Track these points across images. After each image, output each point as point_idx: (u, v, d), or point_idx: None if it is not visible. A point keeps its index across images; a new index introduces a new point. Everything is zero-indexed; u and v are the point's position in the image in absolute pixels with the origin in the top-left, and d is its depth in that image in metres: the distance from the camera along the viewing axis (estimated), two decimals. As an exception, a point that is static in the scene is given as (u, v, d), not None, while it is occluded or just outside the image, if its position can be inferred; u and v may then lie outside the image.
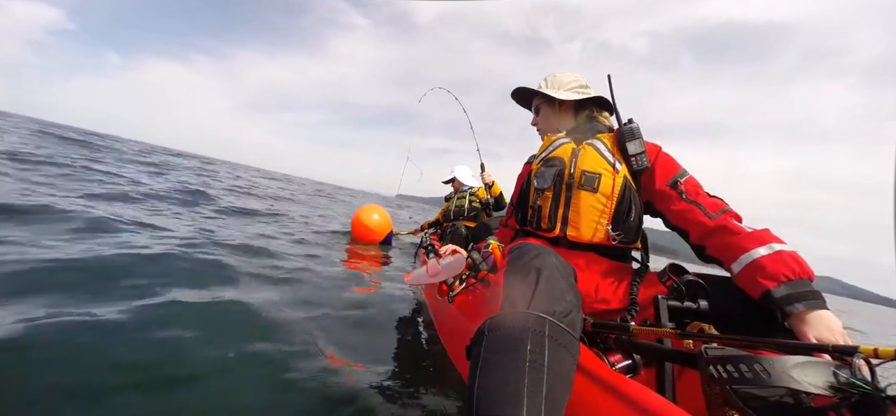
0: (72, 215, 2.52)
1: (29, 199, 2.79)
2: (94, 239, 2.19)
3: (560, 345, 0.61)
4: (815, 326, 0.69)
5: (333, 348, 1.43)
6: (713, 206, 0.92)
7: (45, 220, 2.38)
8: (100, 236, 2.27)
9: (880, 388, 0.46)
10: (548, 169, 1.08)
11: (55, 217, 2.45)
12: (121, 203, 3.58)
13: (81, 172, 5.05)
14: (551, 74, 1.24)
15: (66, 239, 2.10)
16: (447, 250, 1.27)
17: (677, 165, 1.01)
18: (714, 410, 0.55)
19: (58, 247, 1.91)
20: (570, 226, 1.03)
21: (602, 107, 1.21)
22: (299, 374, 1.20)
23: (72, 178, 4.47)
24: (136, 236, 2.47)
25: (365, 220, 4.30)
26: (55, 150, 7.21)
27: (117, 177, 5.36)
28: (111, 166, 6.52)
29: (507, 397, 0.54)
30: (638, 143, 1.01)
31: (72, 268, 1.67)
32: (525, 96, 1.32)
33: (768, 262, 0.75)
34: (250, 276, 2.13)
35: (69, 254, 1.81)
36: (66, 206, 2.75)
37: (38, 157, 5.36)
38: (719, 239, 0.87)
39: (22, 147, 6.31)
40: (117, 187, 4.38)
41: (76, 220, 2.46)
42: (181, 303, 1.53)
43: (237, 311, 1.59)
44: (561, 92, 1.18)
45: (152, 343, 1.21)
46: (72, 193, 3.47)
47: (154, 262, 1.95)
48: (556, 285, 0.70)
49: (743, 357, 0.52)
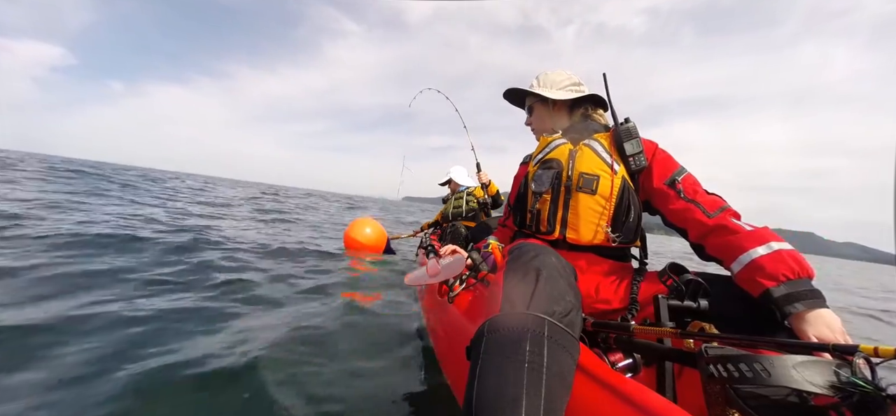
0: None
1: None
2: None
3: (559, 346, 0.61)
4: (814, 324, 0.69)
5: (325, 357, 1.42)
6: (712, 204, 0.91)
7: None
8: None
9: (881, 387, 0.46)
10: (545, 171, 1.07)
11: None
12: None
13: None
14: (543, 73, 1.21)
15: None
16: (447, 250, 1.27)
17: (675, 163, 1.00)
18: (714, 409, 0.55)
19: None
20: (569, 228, 1.02)
21: (596, 104, 1.19)
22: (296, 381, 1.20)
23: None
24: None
25: (357, 235, 4.09)
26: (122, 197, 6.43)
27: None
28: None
29: (506, 399, 0.54)
30: (635, 143, 1.01)
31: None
32: (518, 96, 1.30)
33: (768, 261, 0.75)
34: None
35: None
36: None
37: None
38: (718, 238, 0.86)
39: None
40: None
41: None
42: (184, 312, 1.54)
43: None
44: (554, 91, 1.16)
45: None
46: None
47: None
48: (556, 285, 0.70)
49: (743, 357, 0.52)
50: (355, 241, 4.05)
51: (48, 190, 5.82)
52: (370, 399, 1.16)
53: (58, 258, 2.13)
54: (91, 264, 2.12)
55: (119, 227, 3.35)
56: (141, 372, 1.10)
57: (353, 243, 4.07)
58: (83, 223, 3.29)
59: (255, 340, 1.40)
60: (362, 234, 4.09)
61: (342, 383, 1.23)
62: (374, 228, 4.23)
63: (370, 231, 4.15)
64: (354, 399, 1.14)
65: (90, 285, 1.80)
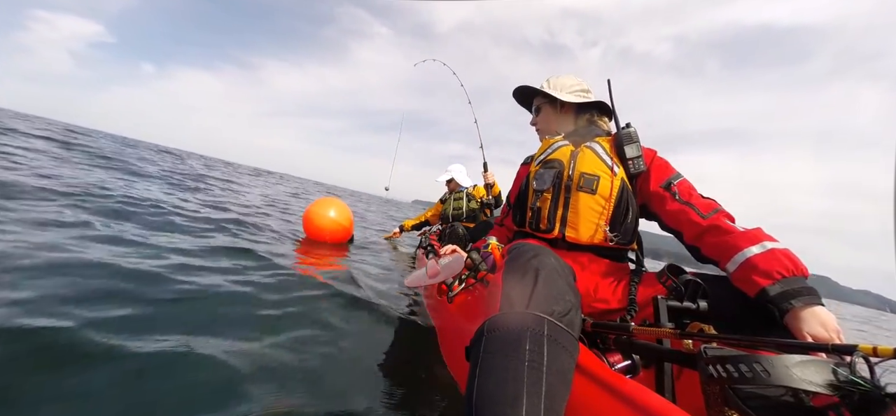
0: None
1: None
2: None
3: (559, 345, 0.61)
4: (809, 321, 0.69)
5: (327, 350, 1.42)
6: (706, 206, 0.93)
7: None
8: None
9: (880, 386, 0.46)
10: (547, 171, 1.09)
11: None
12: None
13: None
14: (553, 76, 1.25)
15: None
16: (447, 250, 1.28)
17: (671, 169, 1.04)
18: (713, 410, 0.55)
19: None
20: (568, 227, 1.04)
21: (602, 112, 1.22)
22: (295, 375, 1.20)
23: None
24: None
25: (318, 221, 3.35)
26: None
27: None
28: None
29: (506, 397, 0.54)
30: (635, 147, 1.04)
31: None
32: (526, 96, 1.33)
33: (762, 260, 0.76)
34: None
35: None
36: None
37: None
38: (713, 239, 0.88)
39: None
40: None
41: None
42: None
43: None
44: (563, 94, 1.20)
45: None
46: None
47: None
48: (555, 284, 0.70)
49: (742, 357, 0.52)
50: (317, 228, 3.36)
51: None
52: (371, 399, 1.16)
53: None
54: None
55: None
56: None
57: (314, 231, 3.38)
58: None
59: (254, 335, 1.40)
60: (327, 219, 3.36)
61: (348, 379, 1.23)
62: (340, 210, 3.49)
63: (335, 213, 3.42)
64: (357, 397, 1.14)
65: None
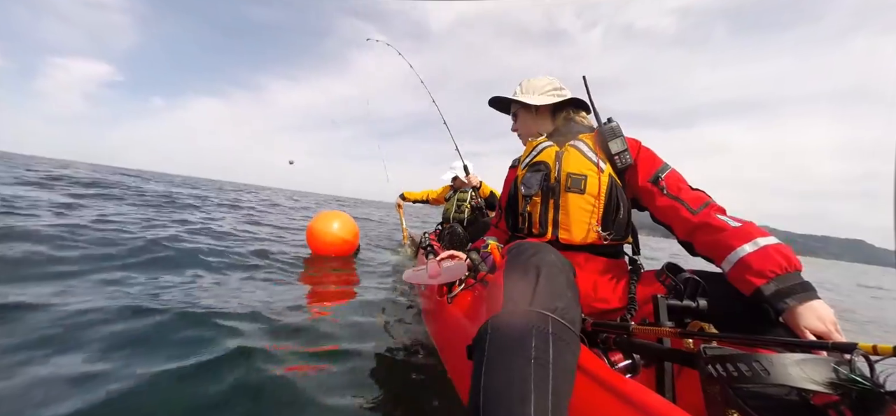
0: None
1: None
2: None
3: (563, 342, 0.61)
4: (806, 317, 0.69)
5: (325, 354, 1.42)
6: (695, 200, 0.92)
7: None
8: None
9: (880, 384, 0.46)
10: (533, 174, 1.09)
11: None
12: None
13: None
14: (526, 80, 1.24)
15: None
16: (447, 254, 1.28)
17: (658, 160, 1.02)
18: (714, 409, 0.55)
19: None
20: (561, 229, 1.03)
21: (578, 107, 1.22)
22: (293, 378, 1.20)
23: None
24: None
25: (324, 235, 3.36)
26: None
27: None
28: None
29: (514, 395, 0.54)
30: (619, 141, 1.02)
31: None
32: (503, 104, 1.32)
33: (755, 259, 0.75)
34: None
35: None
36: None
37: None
38: (705, 236, 0.87)
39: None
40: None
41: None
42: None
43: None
44: (536, 97, 1.19)
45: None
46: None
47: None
48: (556, 281, 0.70)
49: (742, 356, 0.52)
50: (322, 244, 3.39)
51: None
52: (372, 397, 1.16)
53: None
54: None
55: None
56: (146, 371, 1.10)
57: (318, 246, 3.41)
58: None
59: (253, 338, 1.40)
60: (330, 232, 3.38)
61: (344, 381, 1.23)
62: (344, 222, 3.51)
63: (339, 225, 3.44)
64: (357, 397, 1.14)
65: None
